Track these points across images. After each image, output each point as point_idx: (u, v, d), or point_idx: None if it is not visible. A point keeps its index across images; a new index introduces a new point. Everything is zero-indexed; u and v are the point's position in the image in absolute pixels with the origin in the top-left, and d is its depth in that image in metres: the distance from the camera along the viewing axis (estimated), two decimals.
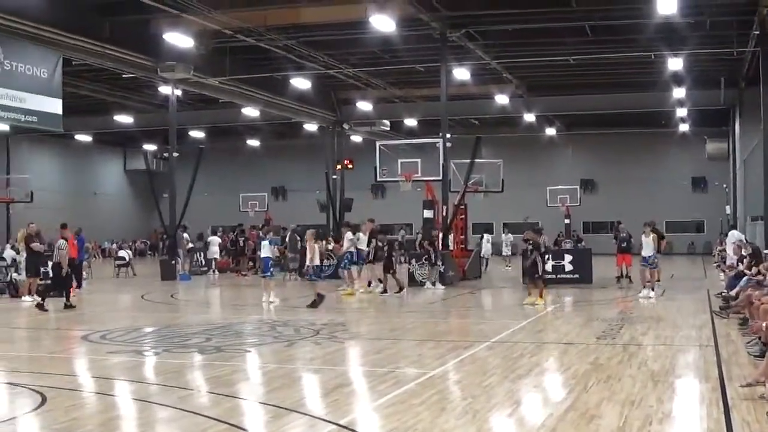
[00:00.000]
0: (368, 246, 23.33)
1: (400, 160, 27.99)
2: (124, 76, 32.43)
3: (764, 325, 9.43)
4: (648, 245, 21.50)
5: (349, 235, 23.43)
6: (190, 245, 33.00)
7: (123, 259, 33.61)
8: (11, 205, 44.20)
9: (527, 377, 10.42)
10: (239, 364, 11.97)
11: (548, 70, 35.97)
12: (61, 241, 20.07)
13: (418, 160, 27.78)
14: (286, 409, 8.80)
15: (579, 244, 37.78)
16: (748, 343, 12.15)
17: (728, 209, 44.68)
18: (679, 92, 36.55)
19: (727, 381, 9.89)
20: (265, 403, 9.31)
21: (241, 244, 33.43)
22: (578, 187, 50.59)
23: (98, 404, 9.43)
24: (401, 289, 23.26)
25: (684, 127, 47.18)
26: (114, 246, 48.58)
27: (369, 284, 24.05)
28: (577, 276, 25.57)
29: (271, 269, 20.90)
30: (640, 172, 51.42)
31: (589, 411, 8.42)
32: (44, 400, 9.37)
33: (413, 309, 20.31)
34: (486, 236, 34.68)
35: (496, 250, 38.46)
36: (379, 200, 53.75)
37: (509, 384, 9.92)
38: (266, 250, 20.83)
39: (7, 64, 21.66)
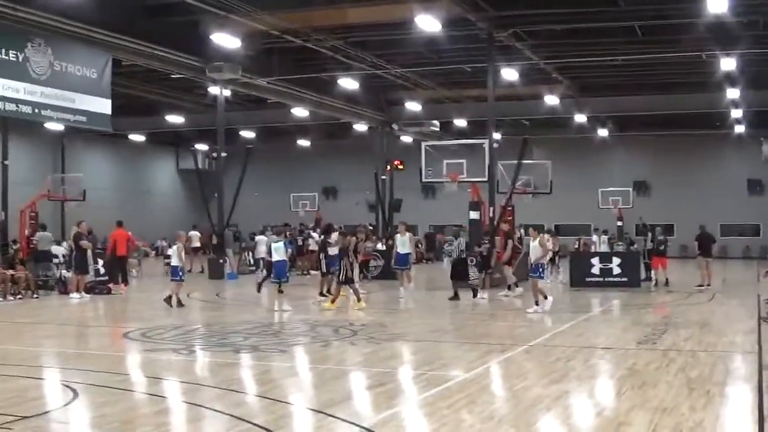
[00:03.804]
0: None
1: (445, 161, 27.82)
2: (173, 76, 32.75)
3: None
4: (534, 250, 19.24)
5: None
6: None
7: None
8: (65, 203, 44.96)
9: (560, 382, 10.25)
10: (273, 364, 11.97)
11: (598, 70, 35.43)
12: None
13: (464, 160, 27.56)
14: (312, 410, 8.80)
15: (631, 247, 37.06)
16: None
17: None
18: (732, 93, 35.66)
19: (766, 390, 9.63)
20: (291, 404, 9.32)
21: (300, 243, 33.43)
22: (631, 189, 49.70)
23: (129, 401, 9.52)
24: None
25: (739, 129, 46.11)
26: (165, 244, 49.02)
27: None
28: (625, 279, 25.15)
29: (180, 274, 20.75)
30: (694, 174, 50.39)
31: (618, 417, 8.25)
32: (75, 395, 9.49)
33: (456, 311, 20.14)
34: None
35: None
36: (429, 200, 53.52)
37: (540, 389, 9.76)
38: (176, 258, 20.62)
39: (57, 65, 22.04)
